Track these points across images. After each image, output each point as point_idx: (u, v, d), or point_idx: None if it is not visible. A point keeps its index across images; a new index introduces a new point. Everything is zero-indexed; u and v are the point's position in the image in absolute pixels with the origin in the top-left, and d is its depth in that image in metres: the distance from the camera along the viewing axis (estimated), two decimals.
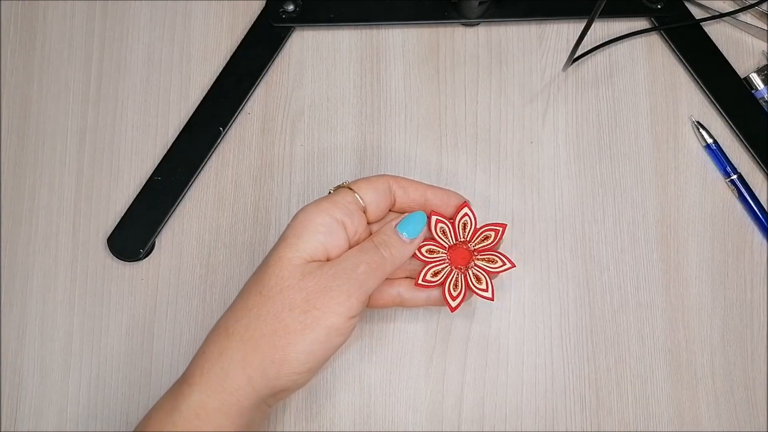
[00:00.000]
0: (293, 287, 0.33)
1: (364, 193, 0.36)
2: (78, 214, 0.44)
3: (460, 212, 0.38)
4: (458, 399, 0.41)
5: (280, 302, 0.33)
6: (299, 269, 0.34)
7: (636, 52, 0.46)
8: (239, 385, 0.32)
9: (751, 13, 0.47)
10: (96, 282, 0.43)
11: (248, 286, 0.35)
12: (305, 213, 0.35)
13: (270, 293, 0.33)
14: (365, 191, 0.36)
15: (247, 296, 0.34)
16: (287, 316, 0.33)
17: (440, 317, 0.42)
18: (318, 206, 0.35)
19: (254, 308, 0.33)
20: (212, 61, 0.46)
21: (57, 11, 0.47)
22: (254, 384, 0.32)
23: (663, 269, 0.43)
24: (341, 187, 0.37)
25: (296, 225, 0.35)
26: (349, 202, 0.35)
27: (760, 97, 0.45)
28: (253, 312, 0.33)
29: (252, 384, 0.32)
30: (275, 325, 0.33)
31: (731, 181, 0.44)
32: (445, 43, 0.46)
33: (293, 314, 0.33)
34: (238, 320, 0.33)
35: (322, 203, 0.35)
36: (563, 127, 0.45)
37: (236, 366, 0.32)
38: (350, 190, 0.36)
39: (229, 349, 0.33)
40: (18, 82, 0.46)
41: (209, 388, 0.32)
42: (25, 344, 0.42)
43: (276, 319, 0.33)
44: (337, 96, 0.46)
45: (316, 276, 0.33)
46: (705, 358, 0.42)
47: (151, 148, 0.45)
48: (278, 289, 0.33)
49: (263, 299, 0.33)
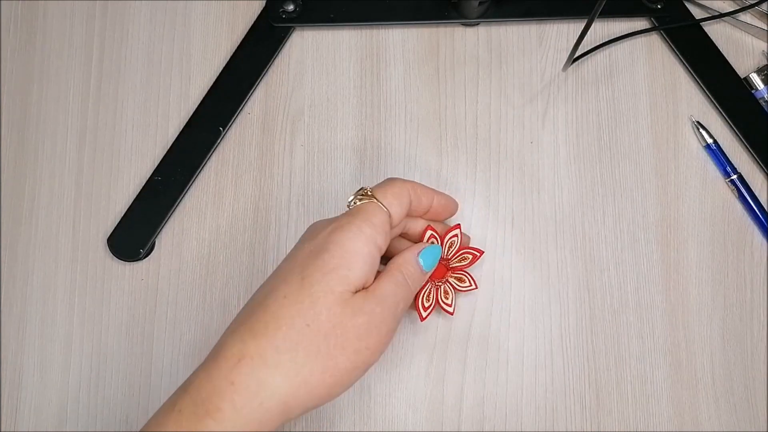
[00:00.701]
0: (345, 325, 0.32)
1: (392, 207, 0.36)
2: (78, 213, 0.44)
3: (451, 232, 0.40)
4: (458, 399, 0.41)
5: (333, 340, 0.32)
6: (350, 305, 0.32)
7: (636, 52, 0.46)
8: (276, 418, 0.31)
9: (751, 13, 0.47)
10: (96, 282, 0.43)
11: (285, 313, 0.32)
12: (353, 242, 0.33)
13: (321, 328, 0.32)
14: (394, 206, 0.36)
15: (289, 328, 0.31)
16: (339, 354, 0.32)
17: (440, 317, 0.42)
18: (362, 232, 0.34)
19: (302, 343, 0.31)
20: (212, 61, 0.46)
21: (57, 11, 0.47)
22: (291, 414, 0.32)
23: (663, 269, 0.43)
24: (366, 196, 0.36)
25: (346, 255, 0.33)
26: (384, 223, 0.35)
27: (760, 97, 0.45)
28: (301, 346, 0.31)
29: (288, 415, 0.31)
30: (327, 363, 0.32)
31: (731, 181, 0.44)
32: (445, 43, 0.46)
33: (346, 353, 0.32)
34: (281, 353, 0.31)
35: (364, 228, 0.34)
36: (563, 127, 0.45)
37: (278, 402, 0.31)
38: (381, 206, 0.35)
39: (270, 384, 0.31)
40: (18, 82, 0.46)
41: (243, 424, 0.30)
42: (25, 344, 0.42)
43: (328, 357, 0.32)
44: (337, 96, 0.46)
45: (365, 313, 0.33)
46: (705, 358, 0.42)
47: (151, 148, 0.45)
48: (330, 325, 0.32)
49: (313, 334, 0.31)
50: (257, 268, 0.43)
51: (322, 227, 0.35)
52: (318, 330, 0.32)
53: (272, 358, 0.31)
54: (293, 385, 0.31)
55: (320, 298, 0.32)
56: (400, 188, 0.36)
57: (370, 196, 0.36)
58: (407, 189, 0.37)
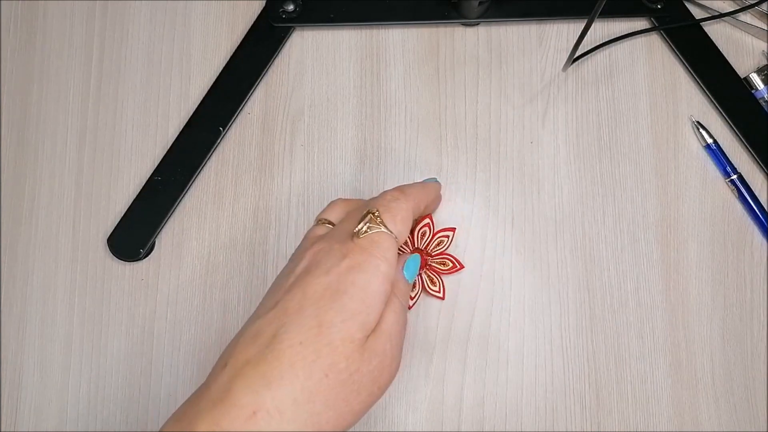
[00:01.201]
0: (362, 371, 0.31)
1: (401, 235, 0.35)
2: (78, 213, 0.44)
3: (421, 222, 0.40)
4: (458, 399, 0.41)
5: (350, 386, 0.31)
6: (366, 350, 0.32)
7: (636, 52, 0.46)
8: None
9: (751, 13, 0.47)
10: (96, 282, 0.43)
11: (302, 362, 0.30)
12: (372, 284, 0.33)
13: (339, 378, 0.31)
14: (402, 233, 0.35)
15: (307, 378, 0.30)
16: (354, 399, 0.31)
17: (440, 317, 0.42)
18: (380, 272, 0.33)
19: (320, 393, 0.30)
20: (212, 61, 0.46)
21: (57, 11, 0.47)
22: None
23: (663, 269, 0.43)
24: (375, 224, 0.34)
25: (366, 299, 0.32)
26: (395, 255, 0.34)
27: (760, 97, 0.45)
28: (318, 397, 0.30)
29: None
30: (343, 410, 0.31)
31: (731, 181, 0.44)
32: (445, 43, 0.46)
33: (360, 397, 0.32)
34: (298, 404, 0.30)
35: (382, 266, 0.33)
36: (563, 127, 0.45)
37: None
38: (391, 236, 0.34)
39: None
40: (18, 82, 0.46)
41: None
42: (25, 344, 0.42)
43: (345, 404, 0.31)
44: (337, 96, 0.46)
45: (378, 355, 0.32)
46: (705, 358, 0.42)
47: (151, 148, 0.45)
48: (348, 373, 0.31)
49: (332, 384, 0.30)
50: (257, 268, 0.43)
51: (328, 256, 0.33)
52: (336, 379, 0.31)
53: (289, 411, 0.30)
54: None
55: (339, 346, 0.31)
56: (407, 212, 0.36)
57: (379, 223, 0.34)
58: (412, 210, 0.36)
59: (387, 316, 0.34)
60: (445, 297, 0.42)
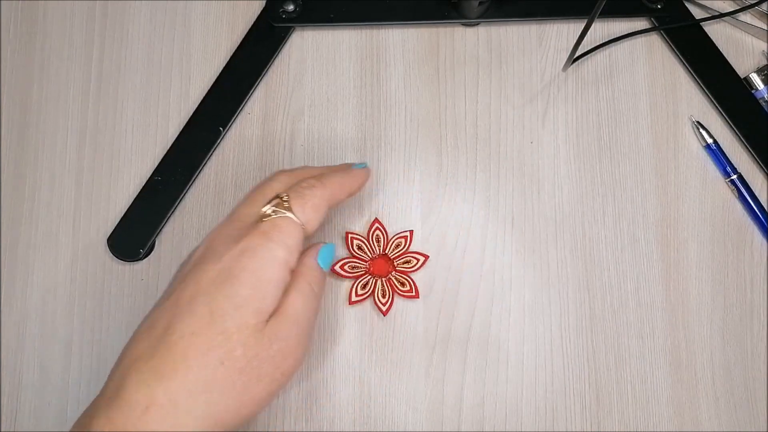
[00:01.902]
0: (261, 356, 0.31)
1: (310, 223, 0.34)
2: (78, 213, 0.44)
3: (372, 228, 0.42)
4: (458, 399, 0.41)
5: (249, 373, 0.30)
6: (266, 335, 0.31)
7: (636, 52, 0.46)
8: None
9: (751, 13, 0.47)
10: (96, 282, 0.43)
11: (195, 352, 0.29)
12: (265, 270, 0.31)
13: (236, 365, 0.30)
14: (311, 221, 0.34)
15: (202, 368, 0.29)
16: (255, 385, 0.31)
17: (440, 317, 0.42)
18: (275, 258, 0.32)
19: (216, 382, 0.29)
20: (212, 61, 0.46)
21: (57, 11, 0.47)
22: None
23: (663, 269, 0.43)
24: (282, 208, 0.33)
25: (258, 284, 0.31)
26: (298, 243, 0.33)
27: (760, 97, 0.45)
28: (215, 386, 0.29)
29: None
30: (243, 398, 0.30)
31: (731, 181, 0.44)
32: (445, 43, 0.46)
33: (262, 383, 0.31)
34: (194, 395, 0.29)
35: (278, 252, 0.32)
36: (563, 127, 0.45)
37: None
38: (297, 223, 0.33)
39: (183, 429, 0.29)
40: (18, 82, 0.46)
41: None
42: (25, 344, 0.42)
43: (244, 391, 0.30)
44: (337, 96, 0.46)
45: (282, 339, 0.31)
46: (705, 358, 0.42)
47: (151, 148, 0.45)
48: (246, 360, 0.30)
49: (228, 372, 0.30)
50: None
51: (225, 241, 0.32)
52: (233, 367, 0.30)
53: (184, 402, 0.29)
54: (207, 425, 0.29)
55: (234, 333, 0.30)
56: (320, 199, 0.34)
57: (287, 208, 0.33)
58: (326, 199, 0.35)
59: (294, 300, 0.33)
60: (419, 295, 0.41)
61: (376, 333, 0.42)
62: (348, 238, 0.42)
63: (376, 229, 0.42)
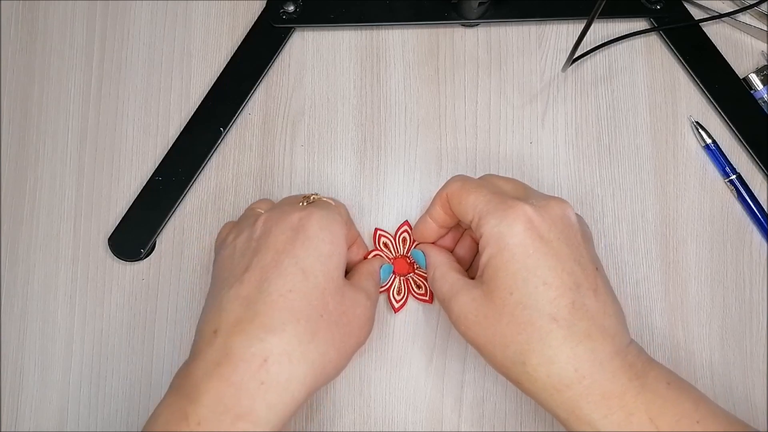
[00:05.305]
0: (349, 314, 0.34)
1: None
2: (79, 214, 0.44)
3: (400, 229, 0.43)
4: (458, 399, 0.41)
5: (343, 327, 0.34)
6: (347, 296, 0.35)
7: (635, 52, 0.47)
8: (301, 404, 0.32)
9: (750, 13, 0.47)
10: (97, 282, 0.43)
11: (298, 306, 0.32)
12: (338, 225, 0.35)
13: (332, 317, 0.33)
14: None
15: (307, 320, 0.32)
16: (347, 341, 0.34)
17: (440, 316, 0.42)
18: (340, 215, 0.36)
19: (320, 332, 0.33)
20: (213, 62, 0.46)
21: (57, 11, 0.47)
22: (310, 397, 0.33)
23: (662, 269, 0.43)
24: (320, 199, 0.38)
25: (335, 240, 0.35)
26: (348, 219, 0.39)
27: (759, 98, 0.45)
28: (319, 336, 0.32)
29: (308, 398, 0.33)
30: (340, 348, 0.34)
31: (730, 182, 0.44)
32: (445, 44, 0.46)
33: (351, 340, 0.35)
34: (304, 344, 0.32)
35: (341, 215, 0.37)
36: (563, 127, 0.45)
37: (305, 390, 0.32)
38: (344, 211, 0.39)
39: (299, 376, 0.31)
40: (19, 83, 0.46)
41: (278, 420, 0.31)
42: (26, 344, 0.42)
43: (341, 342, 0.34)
44: (337, 96, 0.46)
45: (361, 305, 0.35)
46: (704, 358, 0.42)
47: (152, 149, 0.45)
48: (338, 313, 0.34)
49: (327, 324, 0.33)
50: None
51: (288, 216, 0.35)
52: (330, 320, 0.33)
53: (296, 352, 0.31)
54: (317, 372, 0.32)
55: (325, 288, 0.33)
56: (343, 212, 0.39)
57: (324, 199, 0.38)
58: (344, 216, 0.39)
59: (366, 281, 0.37)
60: (433, 301, 0.42)
61: (376, 332, 0.42)
62: (376, 235, 0.43)
63: (404, 231, 0.43)
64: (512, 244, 0.32)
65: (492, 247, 0.33)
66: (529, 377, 0.32)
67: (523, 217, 0.33)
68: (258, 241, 0.35)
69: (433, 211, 0.38)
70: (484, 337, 0.33)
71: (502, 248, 0.33)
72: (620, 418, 0.30)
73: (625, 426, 0.30)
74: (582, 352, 0.31)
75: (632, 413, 0.30)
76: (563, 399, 0.31)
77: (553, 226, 0.33)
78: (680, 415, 0.31)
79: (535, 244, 0.32)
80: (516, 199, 0.34)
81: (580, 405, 0.31)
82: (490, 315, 0.33)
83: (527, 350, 0.31)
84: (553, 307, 0.31)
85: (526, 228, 0.32)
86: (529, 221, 0.33)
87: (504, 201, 0.34)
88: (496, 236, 0.33)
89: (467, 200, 0.35)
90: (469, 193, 0.35)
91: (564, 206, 0.35)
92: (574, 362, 0.31)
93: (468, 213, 0.35)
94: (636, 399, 0.30)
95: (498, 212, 0.33)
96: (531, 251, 0.32)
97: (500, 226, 0.33)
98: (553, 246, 0.32)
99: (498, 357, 0.33)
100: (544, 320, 0.31)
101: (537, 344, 0.31)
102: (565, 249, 0.33)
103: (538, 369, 0.31)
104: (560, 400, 0.31)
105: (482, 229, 0.34)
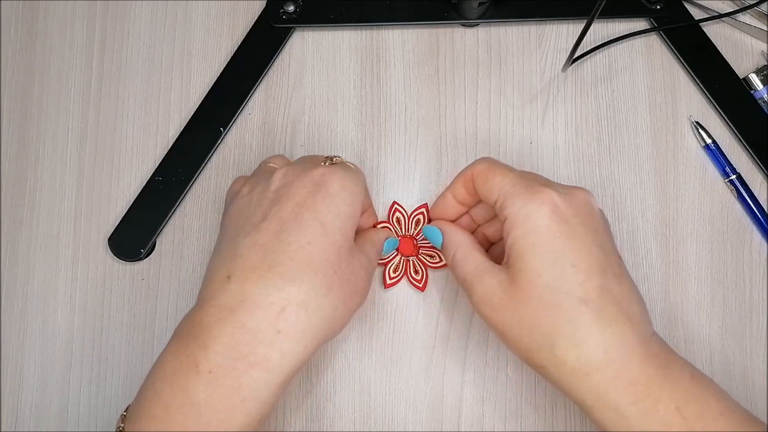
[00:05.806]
0: (356, 275, 0.35)
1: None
2: (79, 214, 0.44)
3: (417, 211, 0.43)
4: (458, 399, 0.41)
5: (351, 286, 0.34)
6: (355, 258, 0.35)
7: (635, 52, 0.47)
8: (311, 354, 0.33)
9: (750, 13, 0.47)
10: (97, 282, 0.43)
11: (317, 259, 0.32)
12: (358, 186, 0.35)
13: (344, 275, 0.33)
14: None
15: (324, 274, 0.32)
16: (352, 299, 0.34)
17: (440, 316, 0.42)
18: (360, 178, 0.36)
19: (334, 287, 0.33)
20: (213, 62, 0.46)
21: (57, 11, 0.47)
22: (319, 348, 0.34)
23: (662, 269, 0.43)
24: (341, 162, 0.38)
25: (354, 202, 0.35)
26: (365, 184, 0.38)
27: (759, 98, 0.45)
28: (334, 291, 0.33)
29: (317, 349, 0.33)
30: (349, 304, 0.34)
31: (730, 182, 0.44)
32: (445, 44, 0.46)
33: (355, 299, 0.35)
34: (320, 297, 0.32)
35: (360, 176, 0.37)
36: (563, 127, 0.45)
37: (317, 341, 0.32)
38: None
39: (313, 327, 0.32)
40: (18, 83, 0.46)
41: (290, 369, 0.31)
42: (26, 344, 0.42)
43: (350, 299, 0.34)
44: (337, 96, 0.46)
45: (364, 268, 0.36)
46: (704, 358, 0.42)
47: (152, 149, 0.45)
48: (349, 272, 0.34)
49: (340, 280, 0.33)
50: None
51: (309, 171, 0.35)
52: (342, 277, 0.33)
53: (313, 303, 0.32)
54: (328, 326, 0.33)
55: (342, 246, 0.33)
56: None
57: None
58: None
59: (369, 248, 0.37)
60: (425, 290, 0.42)
61: (376, 332, 0.42)
62: (392, 207, 0.43)
63: (420, 213, 0.43)
64: (540, 226, 0.32)
65: (518, 228, 0.33)
66: (556, 361, 0.31)
67: (549, 200, 0.33)
68: (277, 192, 0.34)
69: (455, 189, 0.38)
70: (509, 321, 0.33)
71: (530, 230, 0.32)
72: (647, 405, 0.30)
73: (652, 413, 0.30)
74: (611, 336, 0.31)
75: (659, 401, 0.30)
76: (591, 383, 0.31)
77: (579, 211, 0.33)
78: (704, 407, 0.31)
79: (561, 228, 0.32)
80: (542, 184, 0.34)
81: (608, 390, 0.30)
82: (516, 297, 0.32)
83: (555, 333, 0.31)
84: (582, 289, 0.31)
85: (553, 211, 0.32)
86: (555, 205, 0.33)
87: (531, 185, 0.34)
88: (522, 218, 0.33)
89: (493, 180, 0.35)
90: (495, 174, 0.35)
91: (588, 195, 0.35)
92: (603, 345, 0.30)
93: (494, 193, 0.35)
94: (661, 388, 0.30)
95: (525, 195, 0.33)
96: (558, 234, 0.32)
97: (527, 207, 0.33)
98: (579, 231, 0.32)
99: (524, 341, 0.32)
100: (573, 302, 0.31)
101: (566, 327, 0.31)
102: (590, 234, 0.33)
103: (568, 352, 0.31)
104: (588, 384, 0.31)
105: (507, 211, 0.33)
